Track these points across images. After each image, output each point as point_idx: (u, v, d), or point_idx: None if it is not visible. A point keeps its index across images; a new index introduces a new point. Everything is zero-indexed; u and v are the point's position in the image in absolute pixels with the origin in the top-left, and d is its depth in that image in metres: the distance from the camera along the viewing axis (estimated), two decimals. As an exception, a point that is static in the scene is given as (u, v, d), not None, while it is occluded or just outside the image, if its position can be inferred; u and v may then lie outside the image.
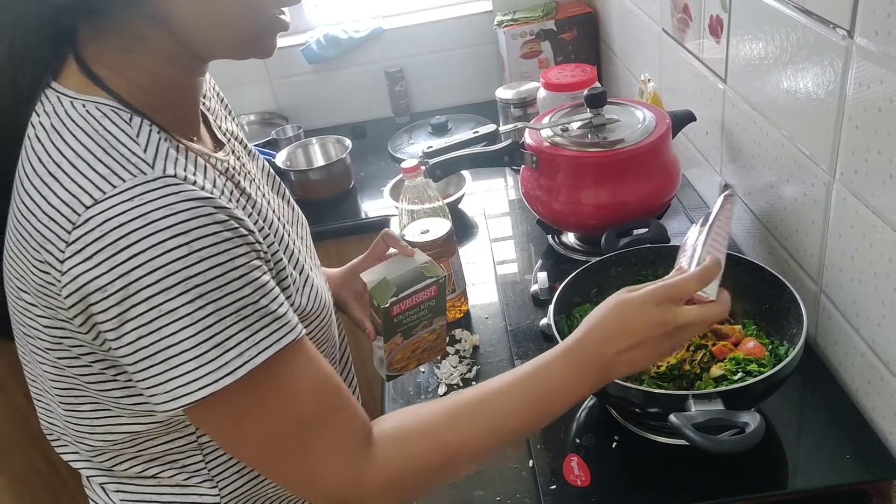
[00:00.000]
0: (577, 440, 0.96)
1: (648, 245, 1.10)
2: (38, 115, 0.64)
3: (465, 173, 1.64)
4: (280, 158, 1.87)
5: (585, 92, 1.25)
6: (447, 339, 1.07)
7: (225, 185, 0.71)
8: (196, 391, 0.61)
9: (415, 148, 2.01)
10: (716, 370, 0.91)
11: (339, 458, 0.68)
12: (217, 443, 0.75)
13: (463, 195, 1.62)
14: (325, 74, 2.20)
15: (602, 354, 0.74)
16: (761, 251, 1.20)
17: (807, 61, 0.93)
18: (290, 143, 2.00)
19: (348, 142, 1.91)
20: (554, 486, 0.90)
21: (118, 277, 0.58)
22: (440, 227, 1.19)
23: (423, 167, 1.21)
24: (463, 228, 1.56)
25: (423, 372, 1.16)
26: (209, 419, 0.66)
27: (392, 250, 0.99)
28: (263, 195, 0.81)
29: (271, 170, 0.92)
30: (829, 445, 0.91)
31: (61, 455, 0.81)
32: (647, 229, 1.14)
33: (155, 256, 0.58)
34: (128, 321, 0.59)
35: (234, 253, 0.61)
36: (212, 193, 0.63)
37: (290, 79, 2.21)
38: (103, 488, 0.80)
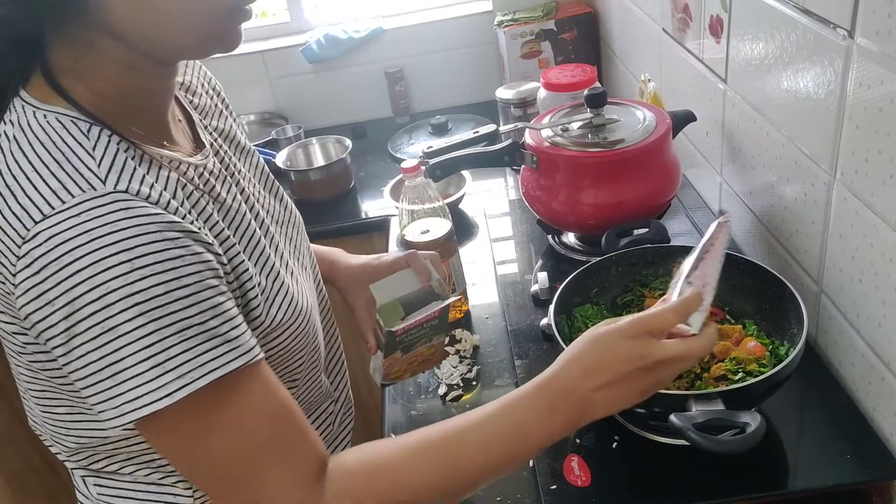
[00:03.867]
0: (577, 440, 0.96)
1: (648, 245, 1.10)
2: (4, 124, 0.64)
3: (465, 173, 1.64)
4: (280, 158, 1.87)
5: (585, 92, 1.25)
6: (445, 350, 1.06)
7: (190, 195, 0.69)
8: (136, 410, 0.60)
9: (415, 148, 2.01)
10: (716, 370, 0.91)
11: (286, 492, 0.66)
12: (169, 462, 0.73)
13: (463, 195, 1.62)
14: (325, 74, 2.20)
15: (575, 392, 0.70)
16: (761, 251, 1.20)
17: (807, 61, 0.93)
18: (290, 143, 2.00)
19: (348, 142, 1.91)
20: (554, 486, 0.90)
21: (63, 293, 0.58)
22: (440, 227, 1.19)
23: (423, 167, 1.21)
24: (463, 228, 1.56)
25: (424, 372, 1.15)
26: (156, 438, 0.65)
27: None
28: (247, 198, 0.80)
29: (266, 168, 0.91)
30: (829, 445, 0.91)
31: (49, 449, 0.82)
32: (647, 229, 1.14)
33: (97, 273, 0.57)
34: (75, 337, 0.59)
35: (181, 272, 0.60)
36: (167, 207, 0.63)
37: (290, 79, 2.21)
38: (84, 481, 0.81)
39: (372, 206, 1.83)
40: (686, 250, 1.08)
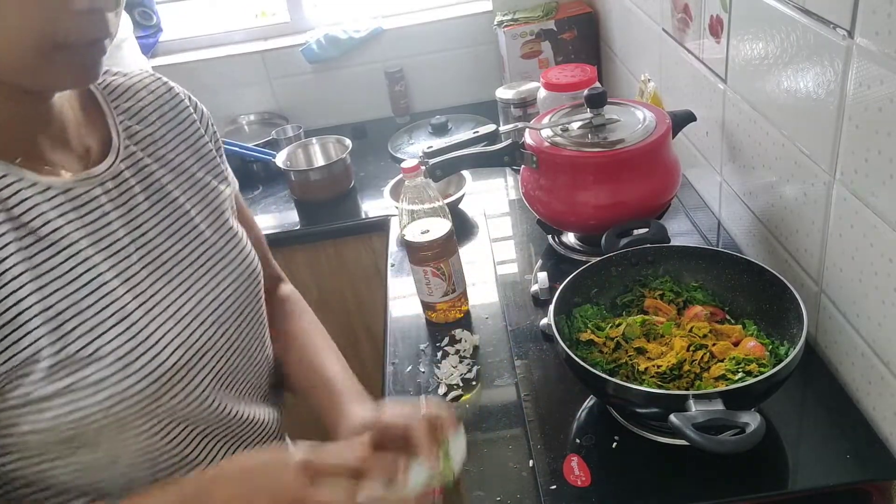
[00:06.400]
0: (577, 440, 0.96)
1: (648, 245, 1.10)
2: None
3: (465, 173, 1.64)
4: (280, 158, 1.87)
5: (585, 92, 1.25)
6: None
7: None
8: None
9: (415, 148, 2.01)
10: (716, 370, 0.91)
11: None
12: None
13: (463, 195, 1.62)
14: (325, 74, 2.20)
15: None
16: (761, 251, 1.20)
17: (807, 61, 0.93)
18: (290, 143, 2.00)
19: (348, 142, 1.91)
20: (554, 486, 0.90)
21: None
22: (440, 227, 1.19)
23: (423, 167, 1.21)
24: (463, 228, 1.56)
25: (424, 372, 1.16)
26: None
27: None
28: (139, 235, 0.74)
29: (221, 206, 0.85)
30: (829, 445, 0.91)
31: None
32: (647, 229, 1.14)
33: None
34: None
35: None
36: None
37: (290, 79, 2.21)
38: None
39: (372, 206, 1.83)
40: (686, 250, 1.09)
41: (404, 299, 1.35)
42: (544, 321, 1.13)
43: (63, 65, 0.63)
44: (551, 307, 0.99)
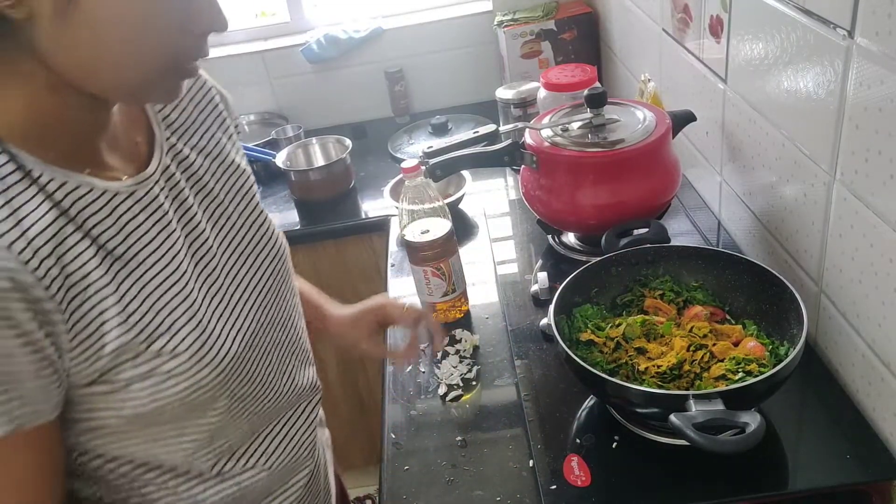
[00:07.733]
0: (577, 440, 0.96)
1: (648, 245, 1.10)
2: None
3: (465, 173, 1.64)
4: (280, 158, 1.87)
5: (585, 92, 1.25)
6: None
7: (60, 230, 0.63)
8: None
9: (415, 148, 2.01)
10: (716, 370, 0.91)
11: None
12: None
13: (463, 195, 1.62)
14: (325, 74, 2.20)
15: None
16: (761, 251, 1.20)
17: (807, 61, 0.94)
18: (290, 143, 2.00)
19: (348, 142, 1.91)
20: (554, 486, 0.90)
21: None
22: (440, 227, 1.19)
23: (423, 167, 1.21)
24: (463, 228, 1.56)
25: (424, 372, 1.16)
26: None
27: None
28: (194, 226, 0.76)
29: (255, 192, 0.87)
30: (829, 445, 0.91)
31: None
32: (647, 229, 1.14)
33: None
34: None
35: None
36: (14, 238, 0.59)
37: (290, 79, 2.21)
38: None
39: (372, 206, 1.83)
40: (686, 250, 1.09)
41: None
42: (544, 321, 1.13)
43: (169, 83, 0.68)
44: (551, 307, 0.99)
